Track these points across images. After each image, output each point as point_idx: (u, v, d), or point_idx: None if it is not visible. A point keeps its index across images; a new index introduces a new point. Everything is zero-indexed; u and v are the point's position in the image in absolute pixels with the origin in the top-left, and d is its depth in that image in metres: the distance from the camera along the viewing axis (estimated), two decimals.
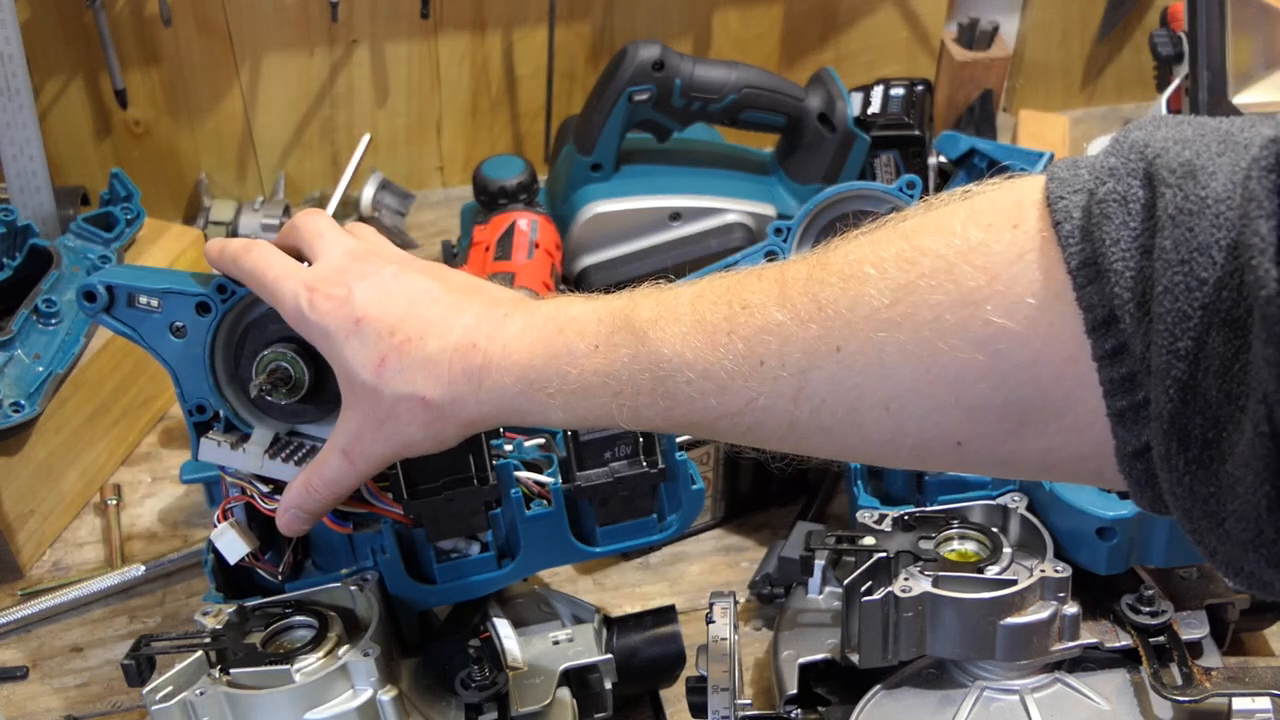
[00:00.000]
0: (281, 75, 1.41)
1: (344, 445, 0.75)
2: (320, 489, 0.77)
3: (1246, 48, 1.36)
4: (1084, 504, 0.79)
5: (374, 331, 0.71)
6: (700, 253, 1.27)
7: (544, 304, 0.71)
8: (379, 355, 0.70)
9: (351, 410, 0.73)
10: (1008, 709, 0.80)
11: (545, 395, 0.67)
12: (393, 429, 0.72)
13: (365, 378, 0.71)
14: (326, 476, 0.76)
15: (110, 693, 0.97)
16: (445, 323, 0.71)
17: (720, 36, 1.51)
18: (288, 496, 0.79)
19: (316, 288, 0.73)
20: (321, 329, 0.72)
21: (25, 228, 1.13)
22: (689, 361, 0.61)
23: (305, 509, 0.78)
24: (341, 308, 0.72)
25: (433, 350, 0.70)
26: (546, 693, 0.82)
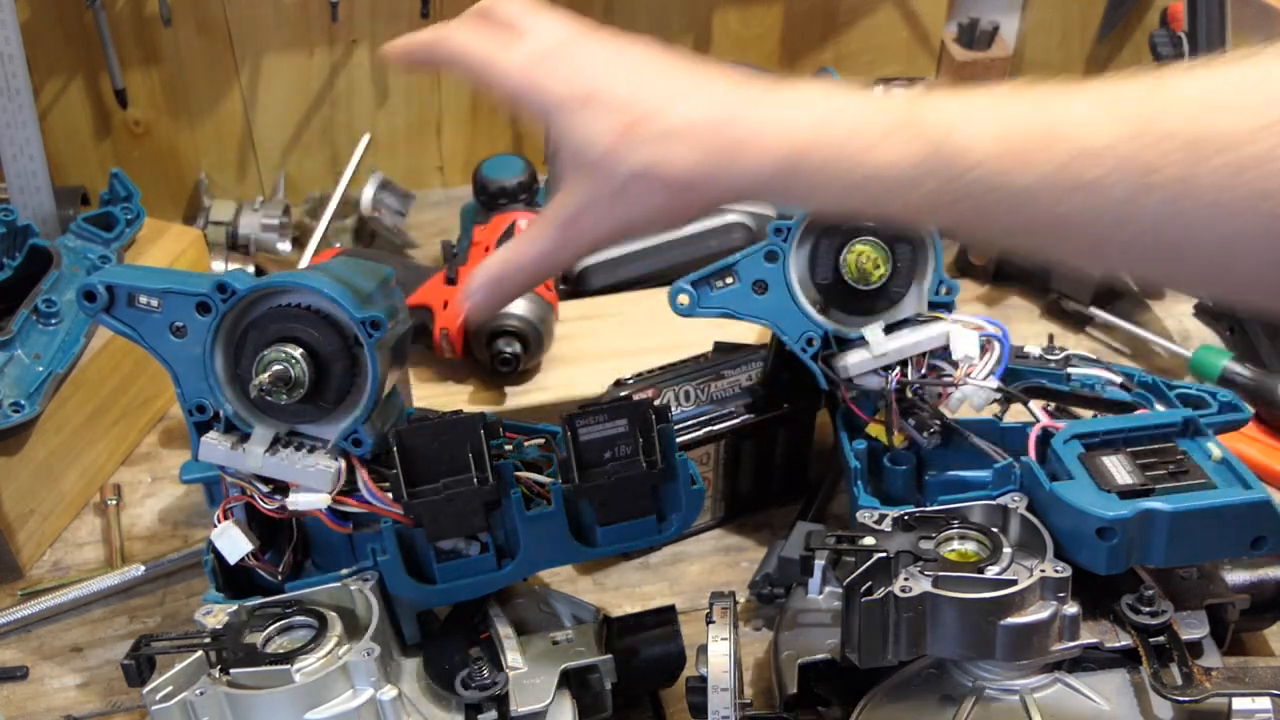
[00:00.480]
0: (281, 75, 1.41)
1: (561, 220, 0.69)
2: (526, 264, 0.72)
3: (1246, 48, 1.36)
4: (1084, 504, 0.79)
5: (611, 103, 0.66)
6: (700, 253, 1.27)
7: (808, 86, 0.66)
8: (617, 127, 0.66)
9: (576, 185, 0.68)
10: (1008, 709, 0.80)
11: (814, 180, 0.63)
12: (625, 206, 0.67)
13: (599, 150, 0.66)
14: (533, 252, 0.71)
15: (110, 693, 0.97)
16: (694, 93, 0.66)
17: (720, 36, 1.51)
18: (481, 272, 0.73)
19: (539, 60, 0.68)
20: (550, 98, 0.68)
21: (25, 228, 1.13)
22: (993, 172, 0.58)
23: (500, 286, 0.73)
24: (571, 79, 0.67)
25: (679, 122, 0.65)
26: (546, 693, 0.82)
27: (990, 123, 0.59)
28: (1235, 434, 1.01)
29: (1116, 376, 0.94)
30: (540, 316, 1.11)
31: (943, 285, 0.96)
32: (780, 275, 0.96)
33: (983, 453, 0.91)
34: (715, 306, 0.97)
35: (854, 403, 0.97)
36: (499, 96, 0.71)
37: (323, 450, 0.83)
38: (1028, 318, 1.33)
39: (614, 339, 1.19)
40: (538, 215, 0.73)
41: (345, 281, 0.82)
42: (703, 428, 1.03)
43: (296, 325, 0.81)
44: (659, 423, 0.84)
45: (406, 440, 0.82)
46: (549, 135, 0.71)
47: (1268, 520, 0.79)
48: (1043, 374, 0.96)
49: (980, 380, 0.92)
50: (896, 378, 0.94)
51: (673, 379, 1.06)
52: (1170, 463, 0.83)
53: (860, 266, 0.94)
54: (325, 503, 0.83)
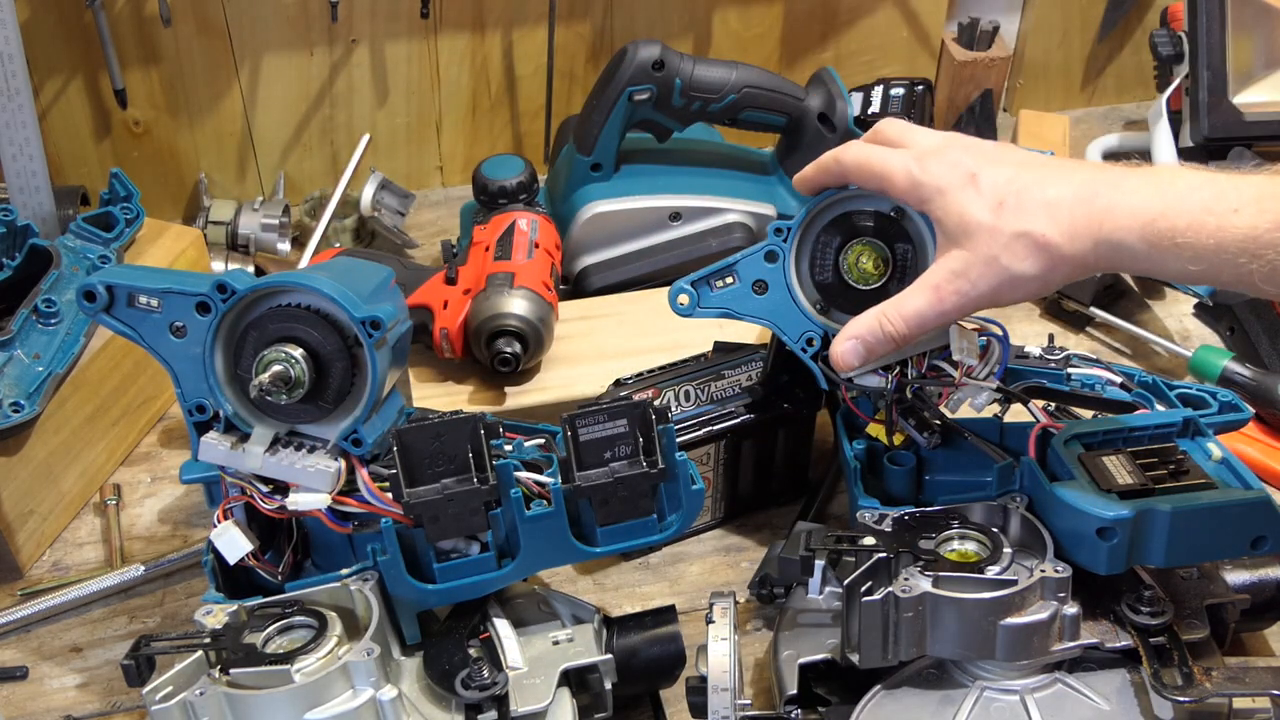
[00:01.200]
0: (281, 75, 1.41)
1: (936, 282, 0.80)
2: (898, 322, 0.81)
3: (1246, 48, 1.36)
4: (1084, 504, 0.79)
5: (991, 182, 0.78)
6: (700, 253, 1.27)
7: (1160, 169, 0.77)
8: (998, 199, 0.78)
9: (955, 250, 0.79)
10: (1008, 709, 0.80)
11: (1172, 246, 0.72)
12: (1002, 265, 0.77)
13: (982, 218, 0.78)
14: (907, 310, 0.81)
15: (110, 693, 0.97)
16: (1062, 175, 0.78)
17: (720, 36, 1.51)
18: (851, 327, 0.83)
19: (925, 157, 0.82)
20: (935, 186, 0.80)
21: (25, 228, 1.13)
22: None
23: (872, 342, 0.82)
24: (954, 168, 0.80)
25: (1052, 195, 0.76)
26: (546, 693, 0.82)
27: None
28: (1235, 434, 1.01)
29: (1116, 376, 0.94)
30: (540, 316, 1.11)
31: None
32: (780, 275, 0.95)
33: (983, 453, 0.91)
34: (715, 306, 0.97)
35: (854, 403, 0.97)
36: (896, 193, 0.84)
37: (323, 450, 0.83)
38: (1028, 318, 1.33)
39: (614, 339, 1.19)
40: (915, 282, 0.82)
41: (345, 281, 0.82)
42: (703, 428, 1.03)
43: (296, 325, 0.81)
44: (659, 423, 0.84)
45: (406, 440, 0.82)
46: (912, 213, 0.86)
47: (1268, 520, 0.79)
48: (1043, 374, 0.96)
49: (980, 380, 0.92)
50: (896, 378, 0.94)
51: (673, 379, 1.06)
52: (1170, 463, 0.83)
53: (860, 266, 0.94)
54: (325, 503, 0.83)
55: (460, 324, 1.12)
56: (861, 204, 0.95)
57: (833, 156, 0.88)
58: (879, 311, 0.83)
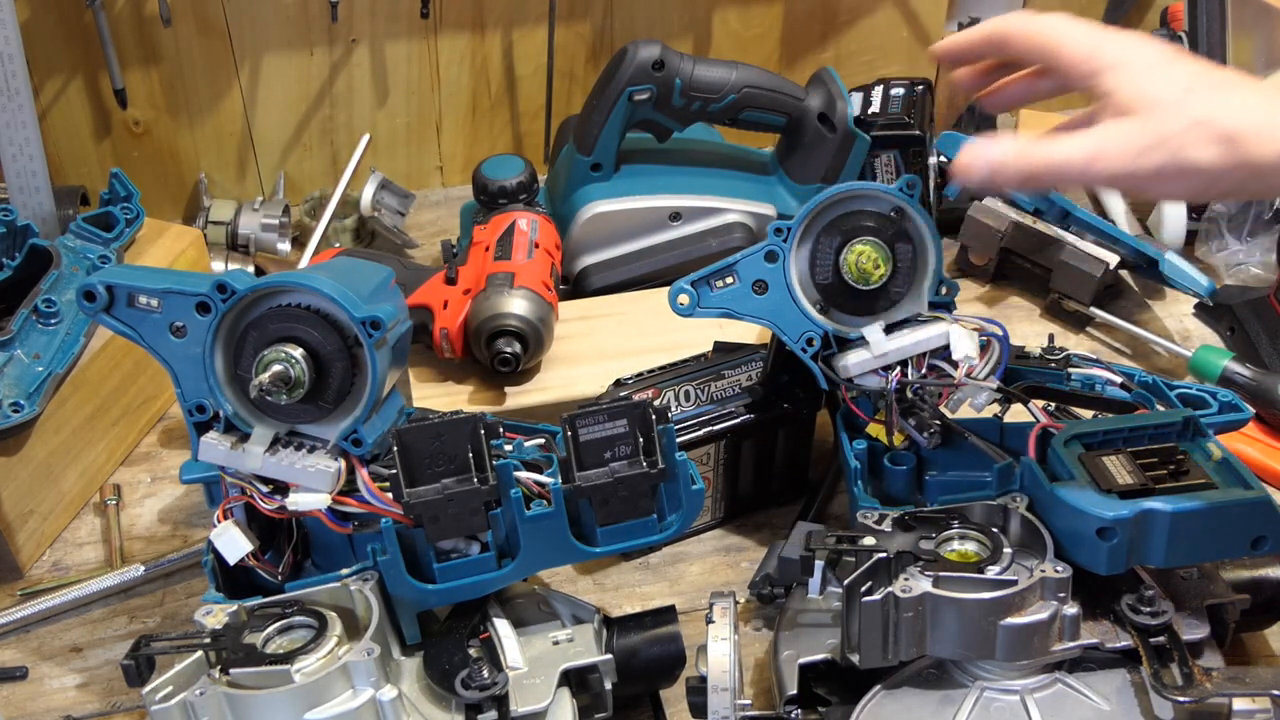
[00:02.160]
0: (281, 75, 1.41)
1: (1100, 142, 0.74)
2: (1042, 154, 0.75)
3: (1246, 48, 1.36)
4: (1084, 504, 0.79)
5: (1184, 68, 0.74)
6: (700, 253, 1.27)
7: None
8: (1187, 84, 0.73)
9: (1128, 121, 0.73)
10: (1008, 709, 0.80)
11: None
12: (1174, 147, 0.72)
13: (1165, 94, 0.73)
14: (1056, 151, 0.75)
15: (110, 693, 0.97)
16: (1258, 83, 0.74)
17: (720, 36, 1.51)
18: (995, 146, 0.76)
19: (1110, 33, 0.77)
20: (1118, 56, 0.75)
21: (25, 228, 1.13)
22: None
23: (1006, 166, 0.76)
24: (1140, 48, 0.76)
25: (1250, 94, 0.72)
26: (546, 693, 0.82)
27: None
28: (1235, 434, 1.01)
29: (1116, 376, 0.94)
30: (540, 316, 1.11)
31: (943, 285, 0.96)
32: (780, 275, 0.96)
33: (983, 453, 0.91)
34: (715, 306, 0.97)
35: (854, 403, 0.97)
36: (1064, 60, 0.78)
37: (323, 450, 0.83)
38: (1028, 318, 1.33)
39: (614, 339, 1.19)
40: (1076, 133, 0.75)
41: (345, 281, 0.82)
42: (703, 428, 1.03)
43: (296, 325, 0.81)
44: (659, 423, 0.84)
45: (406, 440, 0.82)
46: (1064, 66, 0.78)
47: (1268, 520, 0.79)
48: (1043, 374, 0.96)
49: (980, 380, 0.92)
50: (896, 378, 0.94)
51: (673, 379, 1.06)
52: (1170, 463, 0.83)
53: (860, 266, 0.94)
54: (325, 503, 0.83)
55: (460, 324, 1.12)
56: (862, 204, 0.95)
57: (997, 21, 0.81)
58: (1025, 145, 0.76)
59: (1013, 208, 1.31)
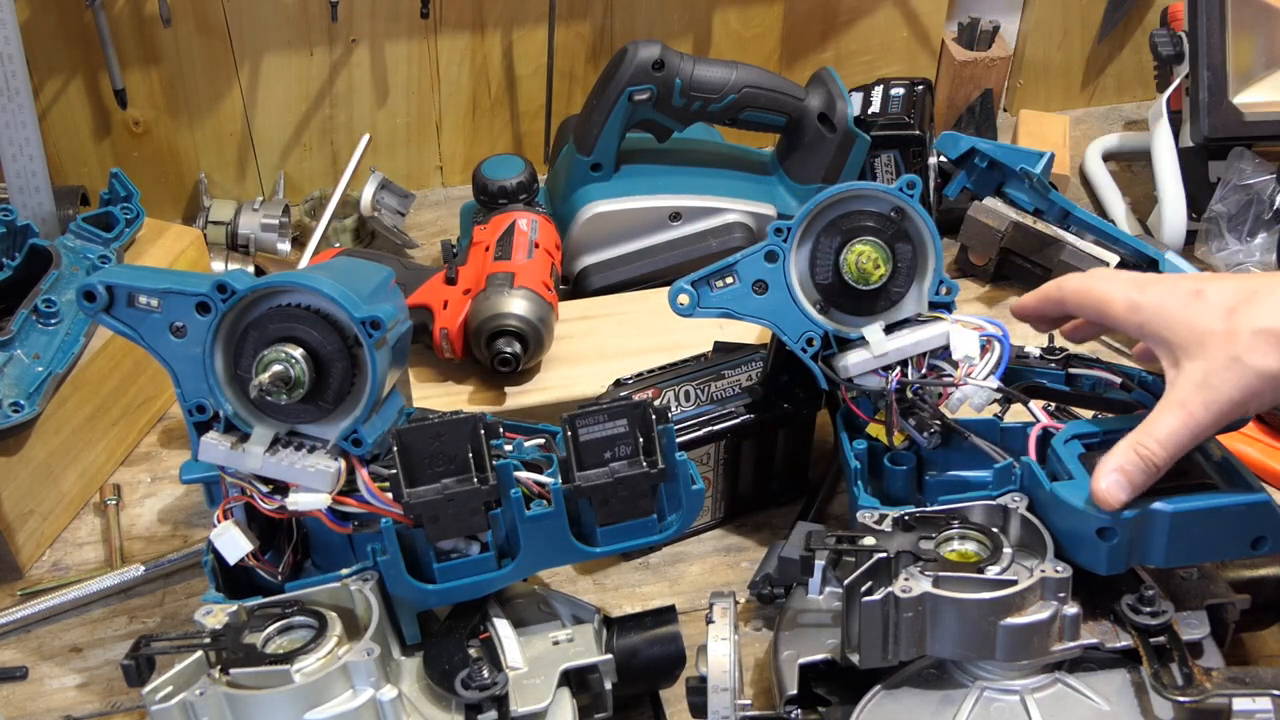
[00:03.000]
0: (281, 75, 1.41)
1: (1181, 398, 0.77)
2: (1154, 448, 0.77)
3: (1246, 48, 1.36)
4: (1084, 504, 0.79)
5: (1217, 293, 0.78)
6: (700, 253, 1.27)
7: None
8: (1228, 307, 0.76)
9: (1192, 363, 0.77)
10: (1008, 709, 0.80)
11: None
12: (1247, 365, 0.75)
13: (1215, 326, 0.76)
14: (1160, 434, 0.77)
15: (110, 693, 0.97)
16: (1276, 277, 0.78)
17: (720, 36, 1.51)
18: (1110, 461, 0.78)
19: (1144, 283, 0.82)
20: (1156, 306, 0.80)
21: (25, 228, 1.13)
22: None
23: (1134, 471, 0.78)
24: (1174, 286, 0.80)
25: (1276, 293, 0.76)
26: (546, 693, 0.82)
27: None
28: (1235, 434, 1.01)
29: (1116, 376, 0.94)
30: (540, 316, 1.11)
31: (943, 285, 0.96)
32: (780, 275, 0.96)
33: (983, 453, 0.91)
34: (715, 306, 0.97)
35: (854, 403, 0.97)
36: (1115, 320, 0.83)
37: (323, 450, 0.83)
38: None
39: (614, 339, 1.19)
40: (1159, 404, 0.79)
41: (345, 281, 0.82)
42: (703, 428, 1.03)
43: (296, 325, 0.81)
44: (659, 423, 0.84)
45: (406, 440, 0.82)
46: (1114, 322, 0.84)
47: (1268, 520, 0.79)
48: (1043, 374, 0.96)
49: (980, 380, 0.91)
50: (896, 378, 0.94)
51: (673, 379, 1.06)
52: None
53: (860, 266, 0.94)
54: (325, 503, 0.83)
55: (460, 324, 1.12)
56: (862, 204, 0.95)
57: (1055, 284, 0.88)
58: (1133, 441, 0.78)
59: (1013, 208, 1.31)
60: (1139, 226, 1.45)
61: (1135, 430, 0.78)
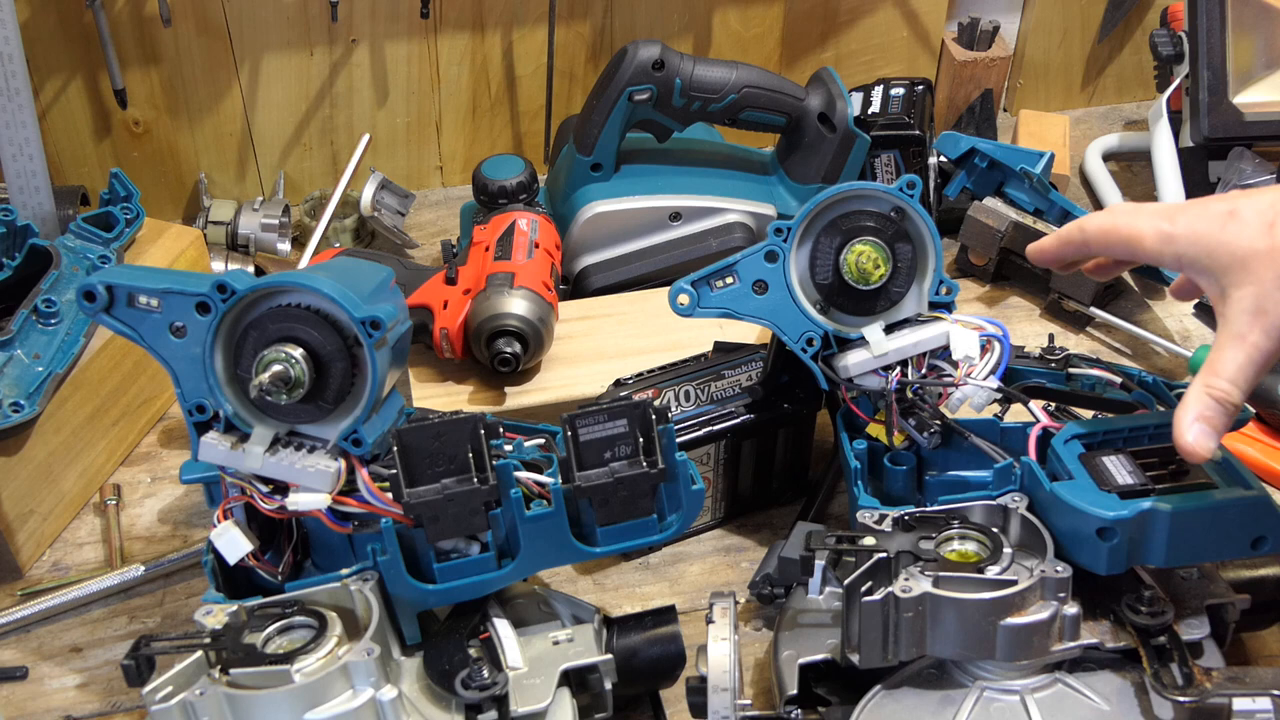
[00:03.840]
0: (281, 75, 1.41)
1: (1239, 330, 0.73)
2: (1226, 386, 0.74)
3: (1246, 48, 1.36)
4: (1084, 504, 0.79)
5: (1252, 209, 0.73)
6: (700, 253, 1.27)
7: None
8: (1267, 222, 0.72)
9: (1240, 290, 0.73)
10: (1008, 709, 0.80)
11: None
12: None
13: (1257, 244, 0.72)
14: (1228, 370, 0.74)
15: (110, 693, 0.97)
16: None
17: (720, 36, 1.51)
18: (1187, 412, 0.75)
19: (1172, 212, 0.77)
20: (1190, 234, 0.75)
21: (25, 228, 1.13)
22: None
23: (1213, 415, 0.74)
24: (1205, 209, 0.75)
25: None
26: (546, 693, 0.82)
27: None
28: (1235, 434, 1.01)
29: (1116, 376, 0.94)
30: (540, 316, 1.11)
31: (943, 285, 0.96)
32: (780, 275, 0.96)
33: (983, 453, 0.91)
34: (715, 306, 0.97)
35: (854, 403, 0.97)
36: (1147, 254, 0.79)
37: (323, 450, 0.83)
38: (1028, 318, 1.33)
39: (614, 339, 1.19)
40: (1216, 340, 0.75)
41: (345, 281, 0.82)
42: (703, 428, 1.03)
43: (296, 325, 0.81)
44: (659, 423, 0.84)
45: (406, 440, 0.82)
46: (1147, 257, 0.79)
47: (1268, 520, 0.79)
48: (1043, 374, 0.96)
49: (980, 380, 0.92)
50: (896, 378, 0.94)
51: (673, 379, 1.06)
52: (1170, 463, 0.83)
53: (860, 266, 0.94)
54: (325, 503, 0.83)
55: (460, 324, 1.12)
56: (862, 204, 0.95)
57: (1075, 225, 0.84)
58: (1202, 384, 0.74)
59: (1013, 208, 1.31)
60: None
61: (1201, 373, 0.75)
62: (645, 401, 0.85)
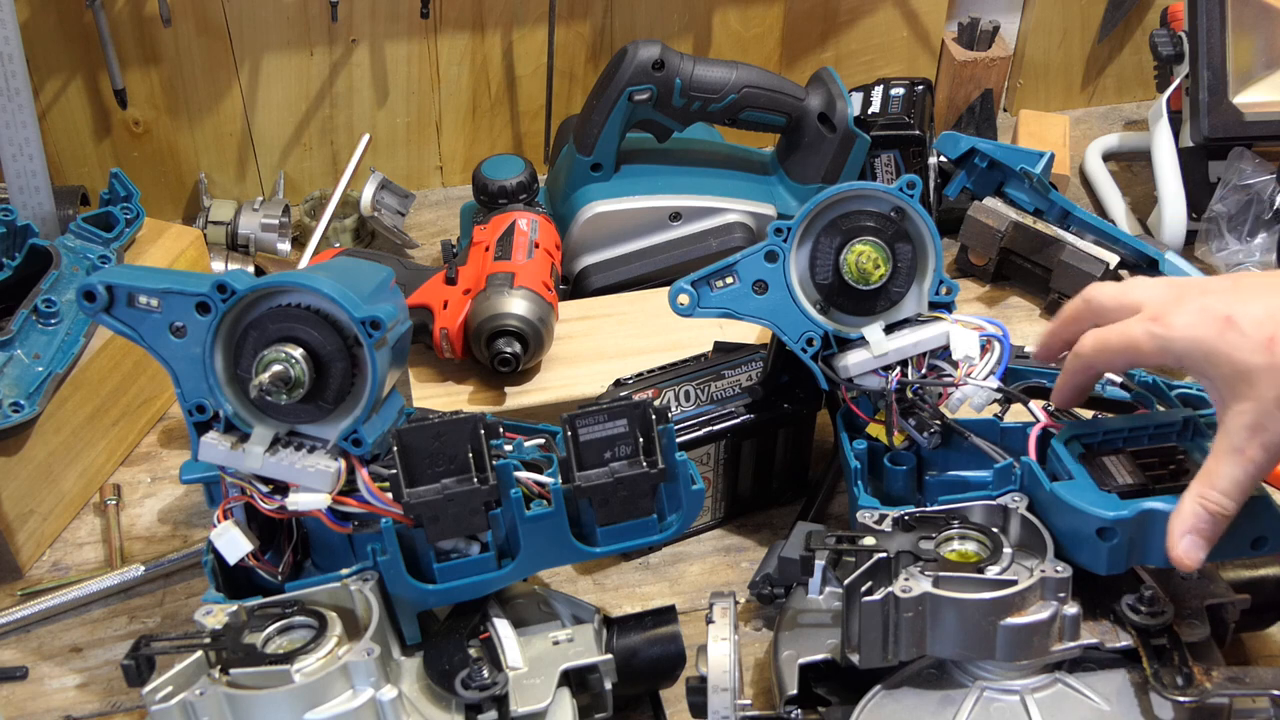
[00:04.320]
0: (281, 75, 1.41)
1: (1238, 444, 0.73)
2: (1221, 500, 0.74)
3: (1246, 48, 1.36)
4: (1084, 504, 0.79)
5: (1250, 319, 0.72)
6: (700, 253, 1.27)
7: None
8: (1265, 335, 0.72)
9: (1241, 403, 0.73)
10: (1008, 709, 0.80)
11: None
12: None
13: (1257, 360, 0.72)
14: (1223, 484, 0.74)
15: (110, 693, 0.97)
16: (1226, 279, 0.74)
17: (720, 36, 1.51)
18: (1179, 524, 0.75)
19: (1163, 314, 0.76)
20: (1189, 341, 0.74)
21: (25, 228, 1.13)
22: None
23: (1206, 528, 0.75)
24: (1202, 315, 0.74)
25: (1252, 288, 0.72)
26: (546, 693, 0.82)
27: None
28: None
29: (1117, 376, 0.94)
30: (540, 316, 1.11)
31: (943, 285, 0.96)
32: (780, 275, 0.96)
33: (983, 453, 0.91)
34: (715, 306, 0.97)
35: (854, 403, 0.97)
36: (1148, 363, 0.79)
37: (323, 450, 0.83)
38: (1028, 318, 1.33)
39: (614, 339, 1.19)
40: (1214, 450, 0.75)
41: (345, 281, 0.82)
42: (703, 428, 1.03)
43: (296, 325, 0.81)
44: (659, 423, 0.84)
45: (406, 440, 0.82)
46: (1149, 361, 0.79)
47: (1268, 520, 0.79)
48: (1043, 374, 0.96)
49: (980, 380, 0.92)
50: (896, 378, 0.94)
51: (673, 379, 1.06)
52: (1170, 463, 0.83)
53: (860, 266, 0.94)
54: (325, 503, 0.83)
55: (460, 324, 1.12)
56: (862, 204, 0.95)
57: (1073, 355, 0.83)
58: (1196, 496, 0.75)
59: (1013, 208, 1.31)
60: (1139, 226, 1.45)
61: (1196, 483, 0.75)
62: (645, 401, 0.85)
